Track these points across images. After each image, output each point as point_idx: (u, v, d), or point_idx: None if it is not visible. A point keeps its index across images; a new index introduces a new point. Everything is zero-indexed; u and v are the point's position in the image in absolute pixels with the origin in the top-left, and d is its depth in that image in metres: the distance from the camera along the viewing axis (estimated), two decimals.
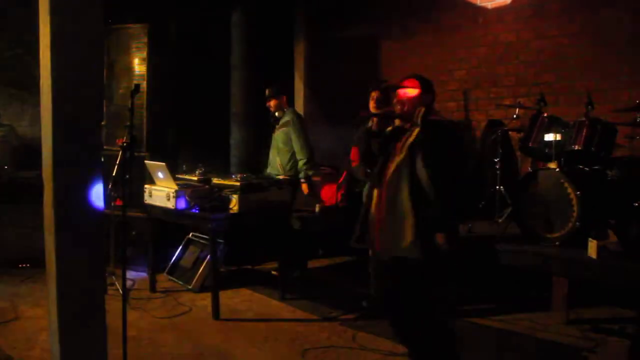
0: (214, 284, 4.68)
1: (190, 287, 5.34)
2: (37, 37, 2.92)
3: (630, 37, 5.35)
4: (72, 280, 2.95)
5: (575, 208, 4.40)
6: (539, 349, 4.00)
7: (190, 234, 5.88)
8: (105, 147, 5.82)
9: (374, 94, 4.71)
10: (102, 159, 3.39)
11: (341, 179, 6.33)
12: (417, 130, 3.17)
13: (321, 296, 5.17)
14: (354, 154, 4.73)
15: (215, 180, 5.04)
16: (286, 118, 5.64)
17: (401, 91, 3.31)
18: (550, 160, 4.72)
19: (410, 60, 6.99)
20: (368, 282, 4.81)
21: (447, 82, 6.73)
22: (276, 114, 5.70)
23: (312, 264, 6.35)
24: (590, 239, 4.23)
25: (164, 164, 4.90)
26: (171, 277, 5.66)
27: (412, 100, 3.28)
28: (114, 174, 5.08)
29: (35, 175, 5.83)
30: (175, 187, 4.78)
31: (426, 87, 3.32)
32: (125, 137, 3.55)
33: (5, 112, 7.28)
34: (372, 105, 4.72)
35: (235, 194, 4.74)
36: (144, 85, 6.04)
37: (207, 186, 4.94)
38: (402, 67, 6.99)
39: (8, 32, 7.02)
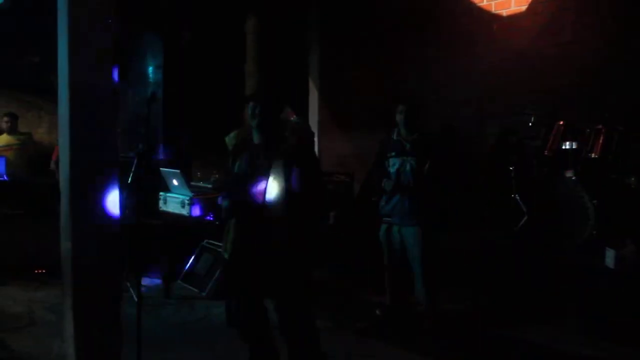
0: None
1: (204, 294, 5.35)
2: (54, 45, 2.95)
3: None
4: (87, 286, 2.96)
5: (591, 217, 4.36)
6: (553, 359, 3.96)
7: (205, 241, 5.89)
8: (121, 154, 5.86)
9: (400, 107, 4.63)
10: (118, 167, 3.41)
11: None
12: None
13: (335, 304, 5.16)
14: None
15: None
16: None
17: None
18: (567, 169, 4.68)
19: (424, 67, 6.98)
20: (382, 290, 4.82)
21: (461, 89, 6.71)
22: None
23: (325, 271, 6.33)
24: (607, 247, 4.19)
25: (178, 171, 4.93)
26: (185, 284, 5.67)
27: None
28: (129, 181, 5.11)
29: (52, 182, 5.89)
30: (190, 195, 4.80)
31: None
32: (141, 145, 3.57)
33: (23, 120, 7.37)
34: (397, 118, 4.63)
35: None
36: (159, 92, 6.08)
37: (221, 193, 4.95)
38: (415, 73, 6.98)
39: (26, 40, 7.11)
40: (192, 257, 5.85)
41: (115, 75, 3.05)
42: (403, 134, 4.56)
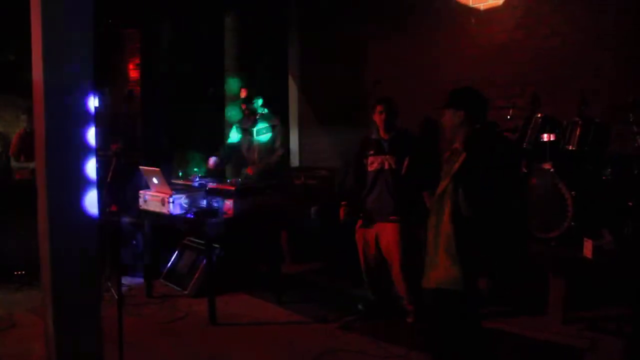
0: (210, 289, 4.67)
1: (186, 292, 5.33)
2: (29, 43, 2.91)
3: (622, 36, 5.37)
4: (67, 287, 2.94)
5: (569, 208, 4.41)
6: (535, 349, 4.00)
7: (186, 239, 5.87)
8: (99, 152, 5.79)
9: (379, 108, 4.67)
10: (97, 165, 3.37)
11: None
12: (463, 156, 3.00)
13: (318, 299, 5.17)
14: None
15: (210, 185, 5.04)
16: (273, 122, 5.82)
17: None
18: (545, 161, 4.73)
19: (402, 62, 7.00)
20: (364, 285, 4.84)
21: (440, 83, 6.74)
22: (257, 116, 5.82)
23: (308, 266, 6.35)
24: (585, 238, 4.24)
25: (158, 169, 4.90)
26: (167, 283, 5.64)
27: (448, 122, 3.17)
28: (108, 180, 5.07)
29: (30, 182, 5.82)
30: (170, 192, 4.77)
31: (469, 105, 3.17)
32: (119, 143, 3.55)
33: None
34: (376, 117, 4.68)
35: (230, 198, 4.73)
36: (137, 90, 6.03)
37: (202, 191, 4.94)
38: (394, 68, 7.00)
39: (0, 38, 7.01)
40: (174, 255, 5.83)
41: (93, 73, 3.02)
42: (381, 134, 4.63)
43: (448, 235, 2.92)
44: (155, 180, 4.94)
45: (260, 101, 5.93)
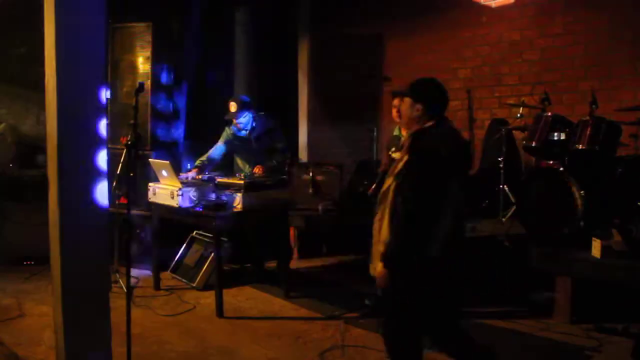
0: (218, 282, 4.69)
1: (194, 285, 5.35)
2: (41, 35, 2.93)
3: (635, 35, 5.34)
4: (76, 278, 2.96)
5: (579, 207, 4.40)
6: (543, 349, 4.00)
7: (194, 232, 5.89)
8: (109, 145, 5.82)
9: (396, 102, 4.61)
10: (107, 157, 3.39)
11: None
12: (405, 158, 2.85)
13: (325, 294, 5.18)
14: None
15: (219, 179, 5.06)
16: (269, 125, 5.62)
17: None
18: (554, 160, 4.71)
19: (413, 59, 7.00)
20: (372, 281, 4.84)
21: (451, 80, 6.73)
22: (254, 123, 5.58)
23: (316, 262, 6.37)
24: (594, 238, 4.23)
25: (167, 162, 4.91)
26: (175, 275, 5.67)
27: (405, 113, 3.01)
28: (118, 172, 5.11)
29: (40, 174, 5.85)
30: (179, 185, 4.79)
31: (428, 99, 2.91)
32: (129, 136, 3.56)
33: (9, 111, 7.30)
34: (394, 113, 4.62)
35: (239, 192, 4.75)
36: (148, 83, 6.04)
37: (211, 184, 4.95)
38: (405, 65, 7.00)
39: (12, 31, 7.03)
40: (182, 248, 5.85)
41: (104, 65, 3.03)
42: (402, 130, 4.54)
43: (384, 231, 2.87)
44: (164, 173, 4.96)
45: (249, 116, 5.51)
